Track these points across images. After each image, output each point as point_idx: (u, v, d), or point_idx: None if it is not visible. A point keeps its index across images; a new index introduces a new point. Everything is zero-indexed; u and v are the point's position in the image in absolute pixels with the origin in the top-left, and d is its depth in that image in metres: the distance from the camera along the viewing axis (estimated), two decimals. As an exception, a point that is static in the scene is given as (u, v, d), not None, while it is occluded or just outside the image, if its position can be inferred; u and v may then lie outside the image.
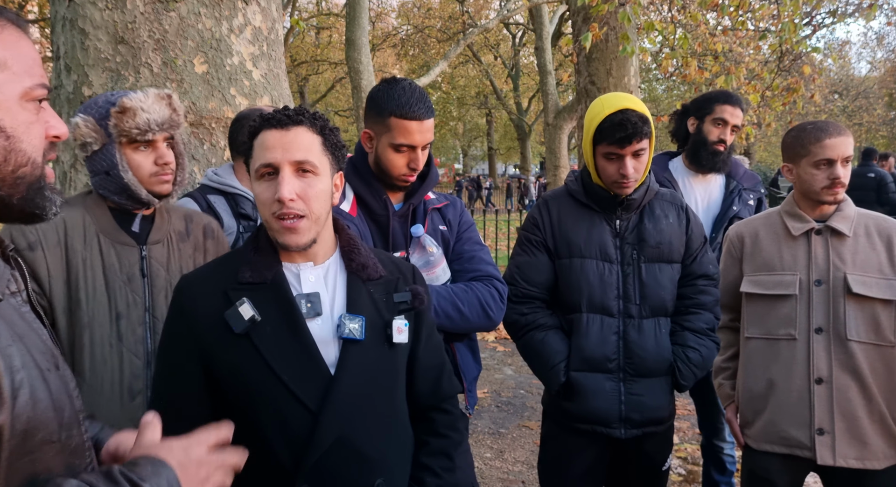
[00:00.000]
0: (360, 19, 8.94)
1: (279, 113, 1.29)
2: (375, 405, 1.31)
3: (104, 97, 1.68)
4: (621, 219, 2.03)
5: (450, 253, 1.91)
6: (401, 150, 1.78)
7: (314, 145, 1.28)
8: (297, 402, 1.24)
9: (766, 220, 2.14)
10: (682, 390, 2.07)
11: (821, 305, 1.97)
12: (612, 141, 1.89)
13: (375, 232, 1.84)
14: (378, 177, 1.85)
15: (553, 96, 12.24)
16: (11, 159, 0.81)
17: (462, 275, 1.87)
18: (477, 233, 1.99)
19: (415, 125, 1.76)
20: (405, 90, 1.78)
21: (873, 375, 1.93)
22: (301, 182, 1.25)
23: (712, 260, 2.12)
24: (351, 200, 1.86)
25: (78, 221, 1.65)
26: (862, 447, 1.93)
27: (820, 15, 16.04)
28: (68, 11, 2.40)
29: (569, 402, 2.01)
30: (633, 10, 4.92)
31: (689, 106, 2.90)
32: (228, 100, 2.48)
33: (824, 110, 20.25)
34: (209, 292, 1.30)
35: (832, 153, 1.94)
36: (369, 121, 1.84)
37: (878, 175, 8.29)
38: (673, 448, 2.21)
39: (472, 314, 1.78)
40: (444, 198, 1.99)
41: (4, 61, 0.80)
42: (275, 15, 2.76)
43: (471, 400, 1.95)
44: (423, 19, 24.00)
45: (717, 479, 2.98)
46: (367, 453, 1.28)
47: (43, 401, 0.77)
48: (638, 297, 1.99)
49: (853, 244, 1.98)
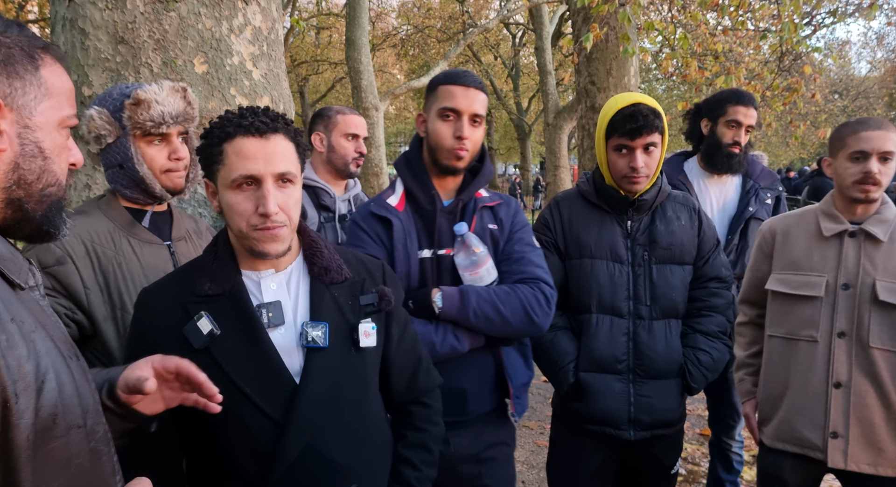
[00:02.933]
0: (360, 19, 8.94)
1: (256, 118, 1.23)
2: (344, 411, 1.28)
3: (118, 89, 1.65)
4: (632, 220, 2.02)
5: (499, 253, 1.85)
6: (447, 117, 1.76)
7: (291, 153, 1.26)
8: (262, 414, 1.22)
9: (801, 218, 2.09)
10: (692, 393, 2.05)
11: (845, 309, 1.93)
12: (623, 132, 1.89)
13: (421, 227, 1.81)
14: (432, 161, 1.81)
15: (553, 96, 12.24)
16: (43, 178, 0.89)
17: (508, 277, 1.80)
18: (531, 234, 1.91)
19: (460, 89, 1.75)
20: (457, 69, 1.82)
21: (893, 383, 1.89)
22: (282, 193, 1.23)
23: (725, 263, 2.09)
24: (400, 195, 1.83)
25: (101, 227, 1.62)
26: (876, 453, 1.90)
27: (820, 15, 16.04)
28: (68, 11, 2.40)
29: (578, 403, 2.00)
30: (633, 11, 4.92)
31: (702, 106, 2.86)
32: (228, 100, 2.48)
33: (824, 110, 20.24)
34: (168, 306, 1.27)
35: (867, 145, 1.88)
36: (424, 105, 1.84)
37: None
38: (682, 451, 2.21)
39: (513, 317, 1.71)
40: (498, 197, 1.93)
41: (51, 90, 0.90)
42: (275, 15, 2.76)
43: (518, 406, 1.88)
44: (423, 19, 23.98)
45: (724, 477, 2.94)
46: (337, 460, 1.25)
47: (68, 386, 0.82)
48: (648, 299, 1.98)
49: (888, 249, 1.92)
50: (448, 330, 1.73)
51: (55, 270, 1.51)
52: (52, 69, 0.90)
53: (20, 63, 0.86)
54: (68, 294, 1.52)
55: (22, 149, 0.86)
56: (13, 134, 0.85)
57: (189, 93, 1.69)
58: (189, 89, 1.69)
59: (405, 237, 1.77)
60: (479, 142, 1.83)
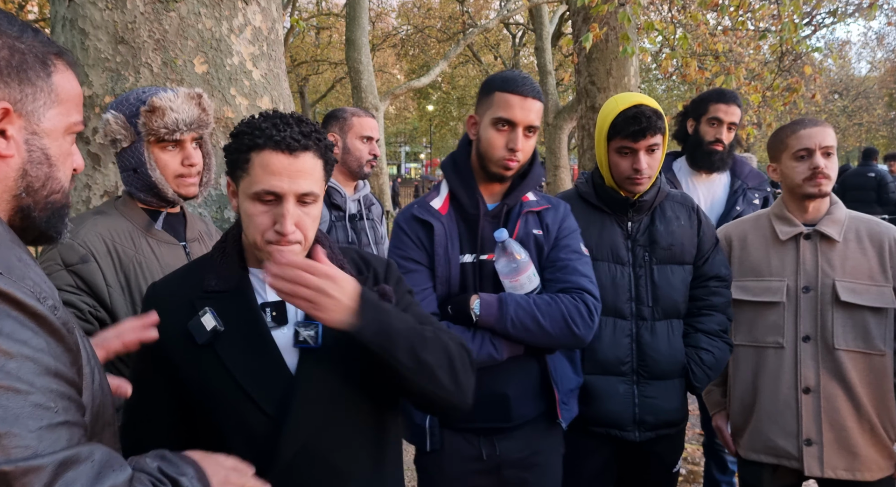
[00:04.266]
0: (360, 19, 8.94)
1: (288, 135, 1.19)
2: (342, 411, 1.27)
3: (135, 94, 1.67)
4: (632, 221, 2.02)
5: (543, 259, 1.79)
6: (501, 128, 1.71)
7: (317, 171, 1.24)
8: (259, 411, 1.22)
9: (756, 223, 2.09)
10: (695, 392, 2.05)
11: (808, 313, 1.92)
12: (626, 134, 1.88)
13: (464, 231, 1.78)
14: (480, 166, 1.78)
15: (553, 96, 12.24)
16: (48, 185, 0.89)
17: (552, 285, 1.74)
18: (579, 240, 1.85)
19: (517, 99, 1.70)
20: (515, 73, 1.76)
21: (862, 384, 1.88)
22: (301, 211, 1.22)
23: (724, 262, 2.09)
24: (444, 197, 1.81)
25: (121, 227, 1.64)
26: (852, 458, 1.88)
27: (820, 15, 16.04)
28: (68, 11, 2.40)
29: (582, 405, 1.99)
30: (633, 11, 4.92)
31: (688, 107, 2.90)
32: (228, 100, 2.47)
33: (824, 110, 20.25)
34: (175, 301, 1.28)
35: (809, 142, 1.90)
36: (478, 105, 1.80)
37: (878, 174, 8.28)
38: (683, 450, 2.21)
39: (553, 328, 1.66)
40: (547, 201, 1.87)
41: (61, 96, 0.89)
42: (275, 15, 2.76)
43: (565, 413, 1.84)
44: (423, 19, 23.98)
45: (719, 478, 2.97)
46: (335, 462, 1.25)
47: (105, 387, 0.88)
48: (650, 299, 1.97)
49: (843, 249, 1.93)
50: (486, 338, 1.70)
51: (79, 268, 1.53)
52: (63, 75, 0.90)
53: (33, 69, 0.85)
54: (92, 292, 1.55)
55: (29, 155, 0.86)
56: (21, 140, 0.85)
57: (204, 100, 1.70)
58: (205, 95, 1.71)
59: (447, 241, 1.74)
60: (531, 152, 1.78)
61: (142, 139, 1.64)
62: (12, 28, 0.85)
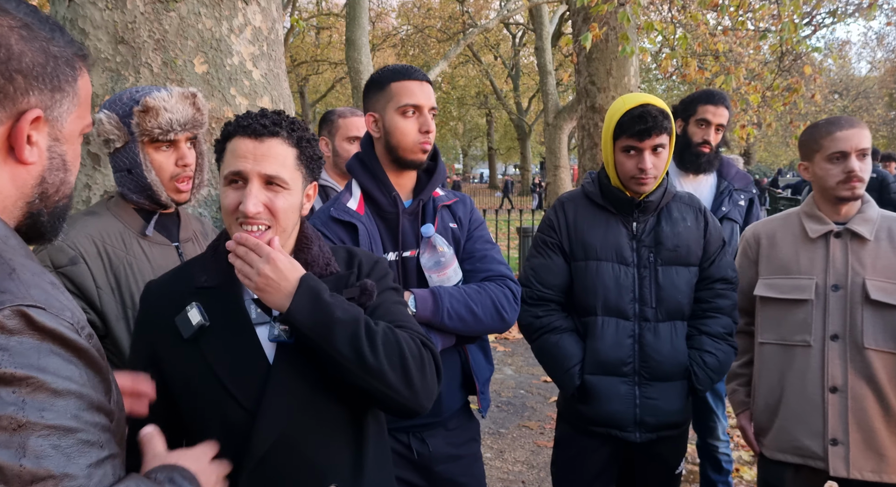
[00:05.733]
0: (360, 19, 8.94)
1: (255, 121, 1.24)
2: (316, 405, 1.27)
3: (128, 94, 1.65)
4: (638, 222, 2.01)
5: (461, 252, 1.85)
6: (408, 114, 1.75)
7: (287, 159, 1.25)
8: (236, 403, 1.22)
9: (785, 221, 2.07)
10: (698, 395, 2.03)
11: (837, 311, 1.90)
12: (632, 133, 1.88)
13: (384, 230, 1.79)
14: (391, 159, 1.79)
15: (553, 96, 12.24)
16: (61, 190, 0.88)
17: (474, 275, 1.81)
18: (487, 231, 1.93)
19: (416, 85, 1.76)
20: (398, 64, 1.82)
21: (891, 385, 1.85)
22: (268, 193, 1.23)
23: (731, 264, 2.07)
24: (358, 198, 1.81)
25: (112, 228, 1.63)
26: (879, 459, 1.85)
27: (820, 15, 16.05)
28: (68, 11, 2.39)
29: (583, 405, 1.99)
30: (633, 10, 4.92)
31: (677, 107, 2.89)
32: (228, 100, 2.47)
33: (824, 110, 20.25)
34: (166, 297, 1.30)
35: (845, 145, 1.87)
36: (371, 103, 1.82)
37: (879, 175, 8.28)
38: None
39: (485, 315, 1.72)
40: (454, 195, 1.93)
41: (81, 99, 0.87)
42: (275, 15, 2.76)
43: (483, 402, 1.89)
44: (423, 19, 23.99)
45: (714, 478, 2.96)
46: (311, 456, 1.25)
47: (121, 402, 0.89)
48: (654, 300, 1.96)
49: (874, 248, 1.90)
50: None
51: (68, 270, 1.52)
52: (84, 78, 0.89)
53: (63, 74, 0.84)
54: (81, 294, 1.54)
55: (50, 162, 0.85)
56: (44, 147, 0.83)
57: (199, 99, 1.69)
58: (199, 95, 1.69)
59: (370, 241, 1.75)
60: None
61: (135, 139, 1.62)
62: (44, 28, 0.82)
